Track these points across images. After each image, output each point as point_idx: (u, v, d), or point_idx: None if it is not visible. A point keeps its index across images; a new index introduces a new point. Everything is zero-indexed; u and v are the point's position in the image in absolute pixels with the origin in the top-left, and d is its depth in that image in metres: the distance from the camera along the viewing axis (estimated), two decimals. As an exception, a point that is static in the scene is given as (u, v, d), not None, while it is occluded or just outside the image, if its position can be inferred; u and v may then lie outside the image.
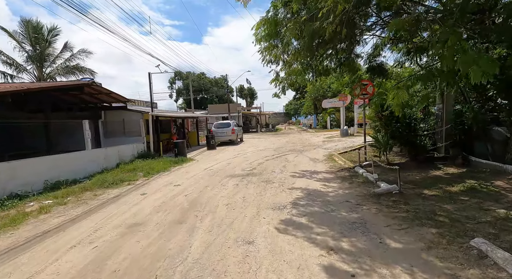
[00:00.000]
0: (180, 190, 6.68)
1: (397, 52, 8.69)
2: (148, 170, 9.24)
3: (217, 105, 41.40)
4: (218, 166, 10.05)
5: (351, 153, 10.87)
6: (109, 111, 12.26)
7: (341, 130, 18.91)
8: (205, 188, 6.67)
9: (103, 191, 6.84)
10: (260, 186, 6.53)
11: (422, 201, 4.68)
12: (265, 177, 7.54)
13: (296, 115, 70.13)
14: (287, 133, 29.38)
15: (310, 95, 31.72)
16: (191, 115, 19.20)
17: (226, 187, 6.69)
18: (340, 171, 7.82)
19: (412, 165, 7.41)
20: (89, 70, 24.12)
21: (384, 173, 6.83)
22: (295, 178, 7.20)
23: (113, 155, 9.91)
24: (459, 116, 6.99)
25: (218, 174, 8.40)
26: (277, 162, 10.10)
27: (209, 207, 5.15)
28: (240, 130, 20.18)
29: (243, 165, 9.82)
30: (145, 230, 4.20)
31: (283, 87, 8.65)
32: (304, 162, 9.92)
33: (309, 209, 4.73)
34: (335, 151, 12.02)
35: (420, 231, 3.53)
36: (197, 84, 56.39)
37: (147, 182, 7.81)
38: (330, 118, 27.78)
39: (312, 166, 8.91)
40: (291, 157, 11.32)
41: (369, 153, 9.75)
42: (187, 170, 9.62)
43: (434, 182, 5.84)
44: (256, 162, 10.34)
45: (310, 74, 7.60)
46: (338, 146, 13.75)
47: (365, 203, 4.82)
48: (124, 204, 5.74)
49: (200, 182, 7.38)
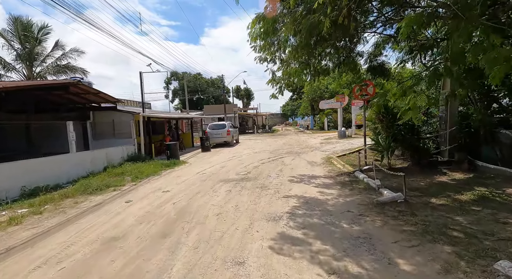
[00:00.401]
0: (168, 196, 6.21)
1: (398, 51, 8.34)
2: (137, 174, 8.76)
3: (213, 106, 40.96)
4: (212, 169, 9.59)
5: (350, 156, 10.48)
6: (98, 112, 11.74)
7: (338, 132, 18.55)
8: (196, 195, 6.21)
9: (85, 198, 6.34)
10: (255, 193, 6.09)
11: (431, 211, 4.27)
12: (260, 182, 7.10)
13: (293, 116, 69.90)
14: (284, 134, 29.00)
15: (307, 96, 31.40)
16: (185, 116, 18.71)
17: (218, 193, 6.24)
18: (339, 175, 7.40)
19: (415, 169, 7.03)
20: (81, 69, 23.52)
21: (386, 178, 6.44)
22: (292, 184, 6.78)
23: (100, 157, 9.40)
24: (465, 118, 6.63)
25: (210, 179, 7.94)
26: (273, 165, 9.67)
27: (198, 217, 4.69)
28: (235, 132, 19.73)
29: (237, 169, 9.37)
30: (123, 246, 3.73)
31: (280, 87, 8.26)
32: (301, 165, 9.51)
33: (307, 220, 4.30)
34: (333, 154, 11.63)
35: (433, 249, 3.11)
36: (193, 84, 55.88)
37: (135, 188, 7.33)
38: (327, 120, 27.45)
39: (310, 170, 8.49)
40: (288, 159, 10.90)
41: (369, 156, 9.37)
42: (179, 173, 9.14)
43: (440, 189, 5.45)
44: (252, 165, 9.90)
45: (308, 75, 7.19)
46: (336, 148, 13.37)
47: (368, 213, 4.40)
48: (105, 213, 5.25)
49: (191, 188, 6.92)
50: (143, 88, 11.93)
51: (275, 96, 8.47)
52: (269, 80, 8.15)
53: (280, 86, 8.25)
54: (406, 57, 8.03)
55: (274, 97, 8.50)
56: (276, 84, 8.21)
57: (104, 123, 11.79)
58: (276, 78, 8.09)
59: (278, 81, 8.12)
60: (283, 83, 8.17)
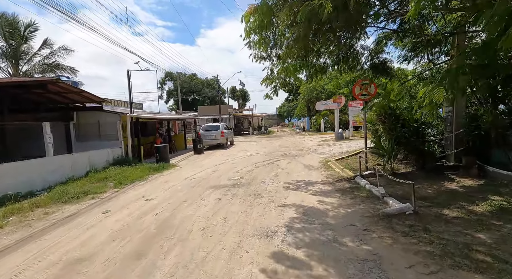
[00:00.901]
0: (151, 206, 5.60)
1: (401, 48, 7.87)
2: (121, 179, 8.13)
3: (208, 107, 40.36)
4: (202, 174, 9.00)
5: (349, 159, 9.97)
6: (82, 113, 11.06)
7: (335, 133, 18.09)
8: (182, 204, 5.62)
9: (58, 208, 5.71)
10: (247, 202, 5.52)
11: (445, 226, 3.75)
12: (253, 189, 6.53)
13: (289, 118, 69.52)
14: (280, 136, 28.49)
15: (303, 97, 30.96)
16: (178, 117, 18.07)
17: (207, 202, 5.66)
18: (339, 181, 6.88)
19: (420, 175, 6.53)
20: (70, 68, 22.77)
21: (390, 185, 5.93)
22: (288, 191, 6.22)
23: (82, 161, 8.74)
24: (474, 120, 6.17)
25: (200, 185, 7.35)
26: (268, 169, 9.11)
27: (181, 232, 4.11)
28: (230, 133, 19.15)
29: (230, 173, 8.79)
30: (87, 270, 3.13)
31: (275, 87, 7.72)
32: (297, 169, 8.97)
33: (306, 236, 3.74)
34: (331, 157, 11.12)
35: (457, 278, 2.58)
36: (188, 85, 55.19)
37: (116, 195, 6.70)
38: (324, 121, 27.02)
39: (307, 175, 7.95)
40: (283, 163, 10.36)
41: (370, 160, 8.86)
42: (167, 178, 8.53)
43: (451, 197, 4.94)
44: (245, 169, 9.33)
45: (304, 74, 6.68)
46: (334, 151, 12.87)
47: (374, 228, 3.86)
48: (77, 226, 4.64)
49: (178, 195, 6.32)
50: (130, 87, 11.29)
51: (269, 96, 7.93)
52: (263, 79, 7.61)
53: (275, 85, 7.73)
54: (409, 54, 7.58)
55: (269, 98, 7.95)
56: (271, 84, 7.68)
57: (89, 125, 11.12)
58: (271, 77, 7.58)
59: (272, 80, 7.59)
60: (278, 82, 7.65)
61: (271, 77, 7.49)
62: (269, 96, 7.90)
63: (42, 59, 21.79)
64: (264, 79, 7.60)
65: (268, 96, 7.93)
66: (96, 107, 10.81)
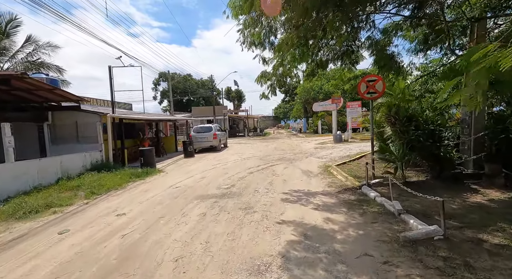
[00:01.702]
0: (121, 224, 4.66)
1: (410, 41, 7.05)
2: (95, 187, 7.16)
3: (202, 108, 39.41)
4: (189, 181, 8.06)
5: (351, 165, 9.12)
6: (58, 113, 10.04)
7: (334, 136, 17.28)
8: (158, 221, 4.68)
9: (8, 226, 4.73)
10: (236, 218, 4.61)
11: (492, 259, 2.88)
12: (245, 201, 5.62)
13: (285, 119, 68.82)
14: (276, 138, 27.62)
15: (300, 98, 30.18)
16: (168, 117, 17.08)
17: (188, 218, 4.73)
18: (343, 191, 6.00)
19: (436, 184, 5.69)
20: (56, 67, 21.67)
21: (404, 197, 5.07)
22: (285, 204, 5.32)
23: (52, 167, 7.74)
24: (499, 122, 5.35)
25: (184, 195, 6.41)
26: (262, 176, 8.20)
27: (147, 265, 3.18)
28: (223, 135, 18.22)
29: (220, 180, 7.87)
30: None
31: (271, 85, 6.88)
32: (295, 175, 8.08)
33: (309, 273, 2.84)
34: (331, 161, 10.26)
35: None
36: (183, 86, 54.14)
37: (84, 209, 5.73)
38: (321, 123, 26.24)
39: (306, 183, 7.06)
40: (279, 168, 9.46)
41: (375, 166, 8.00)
42: (148, 187, 7.57)
43: (484, 216, 4.09)
44: (237, 176, 8.41)
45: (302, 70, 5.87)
46: (333, 154, 12.02)
47: (396, 261, 2.98)
48: (19, 254, 3.67)
49: (155, 209, 5.38)
50: (112, 84, 10.29)
51: (266, 96, 7.07)
52: (258, 77, 6.78)
53: (271, 84, 6.89)
54: (419, 47, 6.75)
55: (265, 98, 7.08)
56: (266, 82, 6.83)
57: (66, 126, 10.11)
58: (267, 74, 6.72)
59: (268, 77, 6.74)
60: (275, 80, 6.80)
61: (266, 74, 6.66)
62: (265, 96, 7.04)
63: (25, 57, 20.67)
64: (259, 77, 6.76)
65: (265, 96, 7.06)
66: (74, 106, 9.80)
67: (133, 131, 15.22)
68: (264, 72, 6.56)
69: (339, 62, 6.91)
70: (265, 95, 6.82)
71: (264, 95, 6.80)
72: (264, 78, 6.56)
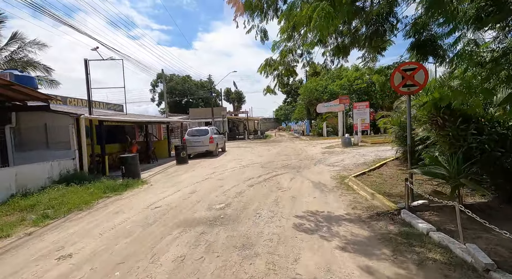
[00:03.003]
0: (55, 277, 3.12)
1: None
2: (55, 207, 5.68)
3: (200, 109, 37.99)
4: (176, 197, 6.53)
5: (372, 176, 7.57)
6: (24, 114, 8.54)
7: (343, 139, 15.74)
8: (111, 272, 3.14)
9: None
10: (227, 269, 3.07)
11: None
12: (242, 232, 4.09)
13: (286, 121, 67.35)
14: (278, 141, 26.08)
15: (302, 98, 28.68)
16: (160, 119, 15.58)
17: (158, 267, 3.19)
18: (376, 217, 4.46)
19: (507, 211, 4.14)
20: (43, 66, 20.26)
21: (469, 230, 3.54)
22: (299, 238, 3.79)
23: (4, 181, 6.22)
24: None
25: (164, 220, 4.88)
26: (265, 191, 6.67)
27: None
28: (221, 139, 16.70)
29: (213, 196, 6.34)
30: None
31: (278, 76, 5.39)
32: (306, 190, 6.55)
33: None
34: (345, 170, 8.72)
35: None
36: (182, 87, 52.78)
37: (21, 244, 4.20)
38: (326, 125, 24.71)
39: (322, 202, 5.53)
40: (285, 179, 7.93)
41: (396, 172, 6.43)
42: (122, 206, 6.04)
43: None
44: (234, 190, 6.89)
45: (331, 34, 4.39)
46: (346, 162, 10.47)
47: None
48: None
49: (116, 248, 3.84)
50: (89, 81, 8.79)
51: (271, 90, 5.58)
52: (261, 67, 5.31)
53: (278, 74, 5.40)
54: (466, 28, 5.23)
55: (271, 92, 5.57)
56: (272, 72, 5.34)
57: (34, 129, 8.61)
58: (271, 62, 5.24)
59: (275, 66, 5.25)
60: (283, 69, 5.32)
61: (272, 62, 5.16)
62: (271, 90, 5.54)
63: (9, 54, 19.27)
64: (263, 67, 5.29)
65: (270, 91, 5.56)
66: (42, 106, 8.30)
67: (121, 136, 13.74)
68: (269, 60, 5.06)
69: (363, 47, 5.42)
70: (270, 90, 5.31)
71: (269, 89, 5.30)
72: (270, 68, 5.07)
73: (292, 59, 5.44)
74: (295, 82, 48.41)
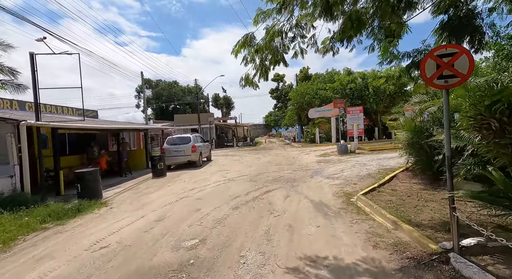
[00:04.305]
0: None
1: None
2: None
3: (185, 116, 36.31)
4: (134, 228, 4.96)
5: (384, 193, 6.22)
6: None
7: (338, 146, 14.48)
8: None
9: None
10: None
11: None
12: (215, 302, 2.59)
13: (276, 127, 66.33)
14: (269, 148, 24.67)
15: (293, 103, 27.51)
16: (132, 126, 13.89)
17: None
18: (412, 265, 3.05)
19: None
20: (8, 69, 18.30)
21: None
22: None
23: None
24: None
25: (103, 273, 3.32)
26: (253, 216, 5.19)
27: None
28: (206, 147, 15.13)
29: (183, 227, 4.81)
30: None
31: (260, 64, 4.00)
32: (305, 214, 5.11)
33: None
34: (348, 184, 7.36)
35: None
36: (168, 93, 50.95)
37: None
38: (319, 131, 23.54)
39: (328, 234, 4.09)
40: (278, 197, 6.48)
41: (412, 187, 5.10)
42: (54, 246, 4.41)
43: None
44: (214, 215, 5.37)
45: None
46: (346, 173, 9.12)
47: None
48: None
49: None
50: (36, 78, 7.14)
51: (251, 82, 4.17)
52: (238, 46, 3.91)
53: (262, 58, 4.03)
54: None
55: (250, 84, 4.14)
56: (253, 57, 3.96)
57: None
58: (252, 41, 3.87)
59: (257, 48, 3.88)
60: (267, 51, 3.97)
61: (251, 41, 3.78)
62: (251, 81, 4.14)
63: (-32, 56, 17.23)
64: (240, 45, 3.89)
65: (250, 82, 4.16)
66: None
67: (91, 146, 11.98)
68: (249, 37, 3.64)
69: (388, 19, 4.13)
70: (250, 81, 3.88)
71: (249, 80, 3.87)
72: (248, 48, 3.67)
73: (281, 44, 4.09)
74: (285, 87, 47.50)
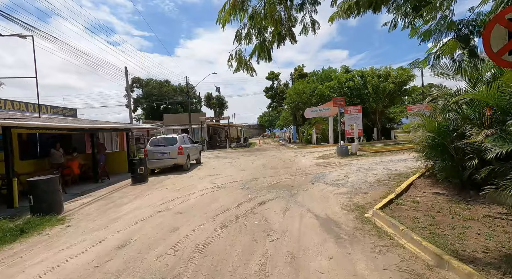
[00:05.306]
0: None
1: None
2: None
3: (176, 115, 34.90)
4: (83, 261, 3.73)
5: (405, 206, 5.11)
6: None
7: (338, 148, 13.42)
8: None
9: None
10: None
11: None
12: None
13: (271, 128, 65.32)
14: (263, 150, 23.51)
15: (288, 103, 26.43)
16: (109, 126, 12.53)
17: None
18: None
19: None
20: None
21: None
22: None
23: None
24: None
25: None
26: (245, 240, 4.02)
27: None
28: (195, 149, 13.87)
29: (151, 258, 3.60)
30: None
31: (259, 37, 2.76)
32: (310, 237, 3.97)
33: None
34: (357, 193, 6.26)
35: None
36: (158, 92, 49.36)
37: None
38: (316, 131, 22.51)
39: (348, 274, 2.95)
40: (275, 211, 5.32)
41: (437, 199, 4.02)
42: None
43: None
44: (194, 238, 4.18)
45: None
46: (352, 179, 8.02)
47: None
48: None
49: None
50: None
51: (244, 63, 2.97)
52: (225, 12, 2.64)
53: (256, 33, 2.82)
54: None
55: (244, 68, 2.96)
56: (250, 24, 2.67)
57: None
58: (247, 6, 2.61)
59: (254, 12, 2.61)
60: (264, 15, 2.72)
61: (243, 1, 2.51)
62: (244, 62, 2.94)
63: None
64: (228, 11, 2.61)
65: (243, 65, 2.98)
66: None
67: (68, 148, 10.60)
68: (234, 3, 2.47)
69: None
70: (243, 61, 2.73)
71: (241, 60, 2.71)
72: (240, 14, 2.51)
73: (285, 14, 2.95)
74: (280, 86, 46.44)
